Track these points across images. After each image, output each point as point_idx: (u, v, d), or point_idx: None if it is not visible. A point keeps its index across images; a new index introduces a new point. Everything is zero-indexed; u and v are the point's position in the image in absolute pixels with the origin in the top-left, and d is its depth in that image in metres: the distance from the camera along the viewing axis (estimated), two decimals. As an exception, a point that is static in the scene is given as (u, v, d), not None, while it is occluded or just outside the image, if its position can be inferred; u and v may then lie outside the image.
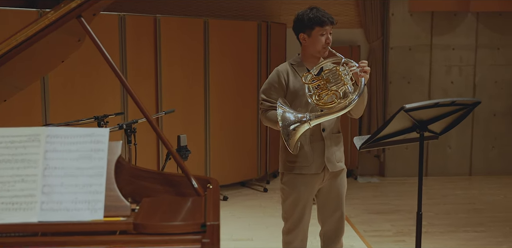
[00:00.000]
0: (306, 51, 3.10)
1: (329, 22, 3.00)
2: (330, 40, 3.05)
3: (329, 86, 2.86)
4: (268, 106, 3.08)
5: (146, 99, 5.22)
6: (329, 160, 3.08)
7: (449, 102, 2.56)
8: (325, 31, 3.00)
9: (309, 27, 3.00)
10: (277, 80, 3.08)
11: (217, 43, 5.63)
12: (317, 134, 3.06)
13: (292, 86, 3.07)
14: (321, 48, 3.03)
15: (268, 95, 3.09)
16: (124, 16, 4.93)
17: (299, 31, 3.07)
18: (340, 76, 2.85)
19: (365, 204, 5.74)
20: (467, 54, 6.85)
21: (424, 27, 6.77)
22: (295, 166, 3.08)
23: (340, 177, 3.19)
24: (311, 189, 3.11)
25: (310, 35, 3.02)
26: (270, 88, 3.10)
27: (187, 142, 5.47)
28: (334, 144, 3.12)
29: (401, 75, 6.83)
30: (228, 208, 5.52)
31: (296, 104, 3.05)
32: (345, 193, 3.22)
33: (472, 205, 5.71)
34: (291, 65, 3.12)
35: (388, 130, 2.58)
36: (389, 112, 6.85)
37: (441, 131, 2.83)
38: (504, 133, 6.98)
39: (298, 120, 2.81)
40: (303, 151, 3.05)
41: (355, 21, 6.87)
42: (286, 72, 3.09)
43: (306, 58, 3.12)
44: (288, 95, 3.08)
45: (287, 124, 2.81)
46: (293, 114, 2.83)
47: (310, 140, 3.06)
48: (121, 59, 4.98)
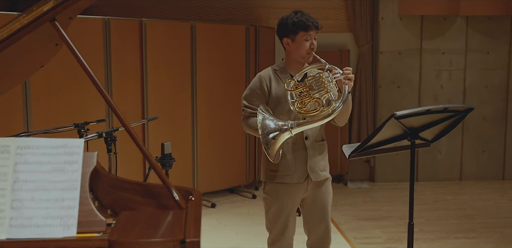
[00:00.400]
0: (290, 56, 3.00)
1: (313, 27, 2.90)
2: (314, 45, 2.94)
3: (312, 93, 2.76)
4: (249, 112, 2.97)
5: (132, 105, 5.08)
6: (312, 170, 2.98)
7: (441, 109, 2.46)
8: (310, 36, 2.90)
9: (293, 31, 2.90)
10: (259, 86, 2.97)
11: (205, 48, 5.51)
12: (300, 142, 2.96)
13: (275, 92, 2.96)
14: (305, 53, 2.93)
15: (249, 102, 2.99)
16: (108, 20, 4.81)
17: (282, 35, 2.97)
18: (323, 83, 2.75)
19: (355, 210, 5.64)
20: (457, 58, 6.78)
21: (413, 31, 6.70)
22: (277, 175, 2.98)
23: (325, 186, 3.08)
24: (294, 199, 3.00)
25: (294, 40, 2.92)
26: (252, 94, 2.99)
27: (173, 149, 5.37)
28: (317, 153, 3.01)
29: (390, 80, 6.75)
30: (216, 215, 5.40)
31: (278, 111, 2.95)
32: (330, 202, 3.11)
33: (463, 211, 5.63)
34: (274, 71, 3.02)
35: (379, 138, 2.48)
36: (379, 117, 6.76)
37: (433, 139, 2.73)
38: (494, 137, 6.91)
39: (278, 128, 2.71)
40: (285, 159, 2.95)
41: (345, 25, 6.78)
42: (269, 78, 2.98)
43: (290, 64, 3.01)
44: (270, 102, 2.97)
45: (266, 132, 2.71)
46: (274, 122, 2.73)
47: (293, 149, 2.96)
48: (105, 64, 4.84)
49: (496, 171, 6.96)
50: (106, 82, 4.85)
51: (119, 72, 4.95)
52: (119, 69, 4.95)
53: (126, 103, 5.03)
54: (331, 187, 3.13)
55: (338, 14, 6.75)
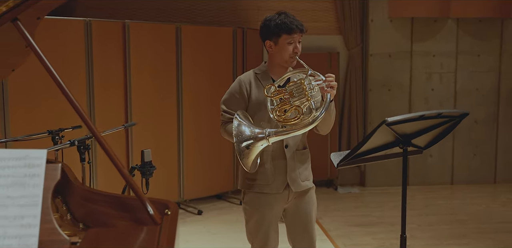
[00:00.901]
0: (272, 59, 2.83)
1: (297, 30, 2.73)
2: (298, 49, 2.77)
3: (292, 100, 2.61)
4: (228, 118, 2.80)
5: (114, 111, 4.89)
6: (292, 180, 2.82)
7: (435, 114, 2.30)
8: (293, 39, 2.73)
9: (276, 34, 2.73)
10: (239, 90, 2.81)
11: (191, 51, 5.32)
12: (279, 151, 2.79)
13: (255, 97, 2.80)
14: (288, 57, 2.77)
15: (228, 106, 2.83)
16: (90, 21, 4.62)
17: (265, 38, 2.80)
18: (304, 90, 2.60)
19: (345, 216, 5.49)
20: (448, 60, 6.66)
21: (404, 34, 6.56)
22: (255, 184, 2.81)
23: (308, 195, 2.91)
24: (275, 209, 2.84)
25: (277, 43, 2.75)
26: (230, 99, 2.83)
27: (158, 155, 5.19)
28: (299, 162, 2.84)
29: (381, 83, 6.61)
30: (203, 223, 5.21)
31: (259, 117, 2.78)
32: (315, 212, 2.95)
33: (455, 216, 5.50)
34: (255, 75, 2.84)
35: (369, 145, 2.31)
36: (369, 121, 6.62)
37: (426, 145, 2.58)
38: (485, 140, 6.78)
39: (253, 136, 2.54)
40: (263, 168, 2.78)
41: (334, 28, 6.64)
42: (249, 82, 2.82)
43: (273, 68, 2.85)
44: (250, 108, 2.81)
45: (240, 139, 2.54)
46: (250, 129, 2.57)
47: (272, 157, 2.79)
48: (87, 67, 4.65)
49: (488, 174, 6.83)
50: (87, 86, 4.65)
51: (101, 76, 4.76)
52: (101, 73, 4.76)
53: (109, 109, 4.84)
54: (315, 196, 2.97)
55: (328, 16, 6.60)
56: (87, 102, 4.65)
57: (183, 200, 5.48)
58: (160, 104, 5.20)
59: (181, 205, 5.56)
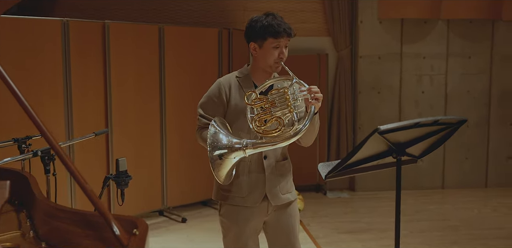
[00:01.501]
0: (256, 63, 2.61)
1: (285, 34, 2.51)
2: (284, 54, 2.55)
3: (274, 110, 2.39)
4: (204, 123, 2.58)
5: (94, 116, 4.63)
6: (272, 193, 2.60)
7: (431, 122, 2.08)
8: (279, 44, 2.51)
9: (261, 36, 2.51)
10: (217, 94, 2.58)
11: (174, 52, 5.06)
12: (258, 162, 2.57)
13: (234, 103, 2.57)
14: (273, 63, 2.55)
15: (206, 111, 2.60)
16: (67, 21, 4.36)
17: (250, 39, 2.58)
18: (287, 101, 2.38)
19: (335, 222, 5.28)
20: (438, 62, 6.48)
21: (393, 35, 6.37)
22: (230, 196, 2.59)
23: (290, 208, 2.69)
24: (254, 223, 2.62)
25: (262, 46, 2.53)
26: (208, 102, 2.61)
27: (140, 161, 4.95)
28: (278, 174, 2.62)
29: (370, 85, 6.42)
30: (186, 231, 4.97)
31: (238, 126, 2.56)
32: (297, 225, 2.73)
33: (447, 222, 5.32)
34: (236, 78, 2.62)
35: (360, 155, 2.10)
36: (359, 124, 6.43)
37: (421, 154, 2.37)
38: (477, 144, 6.60)
39: (228, 146, 2.33)
40: (239, 180, 2.56)
41: (323, 29, 6.44)
42: (229, 86, 2.59)
43: (255, 72, 2.63)
44: (228, 114, 2.59)
45: (213, 148, 2.32)
46: (227, 138, 2.35)
47: (249, 168, 2.57)
48: (64, 70, 4.38)
49: (479, 178, 6.65)
50: (64, 90, 4.39)
51: (79, 79, 4.50)
52: (80, 76, 4.50)
53: (88, 114, 4.57)
54: (297, 208, 2.76)
55: (316, 17, 6.40)
56: (64, 107, 4.39)
57: (167, 207, 5.22)
58: (142, 109, 4.93)
59: (165, 213, 5.32)
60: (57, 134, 4.34)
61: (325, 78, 6.29)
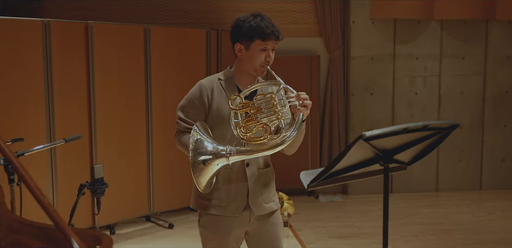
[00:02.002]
0: (240, 65, 2.47)
1: (273, 37, 2.37)
2: (271, 58, 2.41)
3: (260, 116, 2.25)
4: (184, 127, 2.43)
5: (77, 119, 4.45)
6: (254, 203, 2.45)
7: (420, 127, 1.93)
8: (267, 47, 2.38)
9: (249, 37, 2.36)
10: (199, 97, 2.43)
11: (160, 54, 4.88)
12: (239, 169, 2.42)
13: (216, 107, 2.42)
14: (259, 66, 2.40)
15: (186, 114, 2.45)
16: (48, 22, 4.19)
17: (236, 40, 2.43)
18: (275, 107, 2.24)
19: (326, 227, 5.13)
20: (432, 63, 6.33)
21: (386, 36, 6.22)
22: (210, 205, 2.44)
23: (273, 217, 2.54)
24: (234, 233, 2.46)
25: (248, 48, 2.39)
26: (189, 105, 2.45)
27: (126, 164, 4.78)
28: (261, 183, 2.47)
29: (363, 86, 6.27)
30: (173, 238, 4.79)
31: (220, 131, 2.41)
32: (281, 234, 2.57)
33: (441, 226, 5.18)
34: (219, 81, 2.47)
35: (344, 163, 1.94)
36: (351, 126, 6.28)
37: (410, 161, 2.22)
38: (471, 146, 6.46)
39: (213, 152, 2.19)
40: (219, 188, 2.42)
41: (314, 30, 6.29)
42: (211, 89, 2.44)
43: (239, 74, 2.48)
44: (210, 119, 2.43)
45: (197, 153, 2.18)
46: (212, 145, 2.21)
47: (230, 176, 2.42)
48: (45, 73, 4.21)
49: (473, 181, 6.51)
50: (46, 93, 4.22)
51: (61, 82, 4.33)
52: (62, 79, 4.33)
53: (70, 117, 4.41)
54: (280, 217, 2.60)
55: (307, 17, 6.25)
56: (45, 109, 4.22)
57: (154, 213, 5.05)
58: (127, 112, 4.76)
59: (152, 218, 5.15)
60: (39, 140, 4.18)
61: (316, 79, 6.14)
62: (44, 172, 4.26)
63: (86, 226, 4.57)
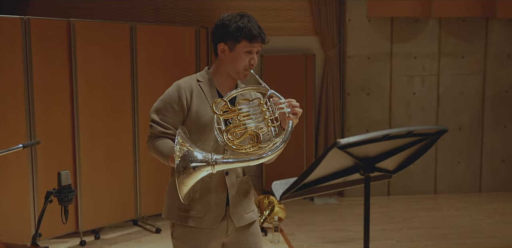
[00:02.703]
0: (221, 66, 2.28)
1: (260, 39, 2.21)
2: (255, 61, 2.24)
3: (247, 123, 2.09)
4: (160, 131, 2.23)
5: (59, 122, 4.25)
6: (235, 213, 2.27)
7: (404, 133, 1.73)
8: (252, 49, 2.21)
9: (234, 38, 2.19)
10: (177, 99, 2.23)
11: (147, 53, 4.67)
12: (219, 179, 2.24)
13: (196, 111, 2.23)
14: (242, 69, 2.23)
15: (162, 118, 2.24)
16: (28, 20, 3.99)
17: (219, 39, 2.25)
18: (264, 114, 2.08)
19: (320, 231, 4.94)
20: (430, 63, 6.11)
21: (383, 34, 6.01)
22: (188, 216, 2.25)
23: (253, 227, 2.36)
24: (212, 246, 2.28)
25: (233, 49, 2.21)
26: (166, 108, 2.25)
27: (109, 168, 4.58)
28: (241, 192, 2.31)
29: (359, 86, 6.06)
30: (160, 243, 4.59)
31: (200, 137, 2.23)
32: (262, 246, 2.39)
33: (438, 230, 4.98)
34: (198, 82, 2.28)
35: (319, 173, 1.74)
36: (347, 127, 6.08)
37: (396, 169, 2.01)
38: (470, 147, 6.24)
39: (205, 160, 2.02)
40: (197, 198, 2.24)
41: (310, 28, 6.08)
42: (190, 91, 2.24)
43: (219, 76, 2.30)
44: (188, 124, 2.24)
45: (188, 160, 2.00)
46: (201, 154, 2.04)
47: (209, 186, 2.24)
48: (25, 73, 4.00)
49: (473, 183, 6.29)
50: (26, 95, 4.02)
51: (42, 83, 4.13)
52: (43, 80, 4.13)
53: (52, 120, 4.20)
54: (259, 227, 2.41)
55: (302, 15, 6.05)
56: (25, 111, 4.03)
57: (140, 217, 4.85)
58: (112, 114, 4.54)
59: (138, 223, 4.95)
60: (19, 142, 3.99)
61: (312, 79, 5.94)
62: (25, 178, 4.07)
63: (69, 231, 4.39)
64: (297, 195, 1.83)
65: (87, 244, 4.43)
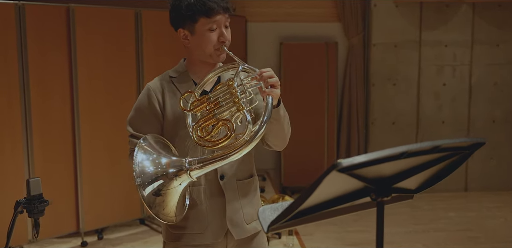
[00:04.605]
0: (191, 55, 1.94)
1: (220, 9, 1.82)
2: (225, 37, 1.87)
3: (218, 112, 1.73)
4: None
5: (57, 116, 3.91)
6: (235, 223, 1.90)
7: (428, 148, 1.30)
8: (216, 24, 1.84)
9: (190, 18, 1.83)
10: (147, 104, 1.91)
11: (153, 42, 4.26)
12: (213, 184, 1.88)
13: (171, 112, 1.89)
14: (213, 50, 1.87)
15: (136, 128, 1.92)
16: (23, 5, 3.64)
17: (177, 25, 1.91)
18: (234, 96, 1.71)
19: (341, 232, 4.55)
20: (462, 51, 5.62)
21: (411, 21, 5.55)
22: (185, 234, 1.89)
23: (256, 240, 1.98)
24: None
25: (194, 32, 1.86)
26: (138, 116, 1.93)
27: (112, 164, 4.21)
28: (241, 197, 1.92)
29: (385, 76, 5.62)
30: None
31: (181, 141, 1.89)
32: None
33: (468, 233, 4.55)
34: (170, 79, 1.94)
35: (317, 198, 1.33)
36: (372, 120, 5.67)
37: (419, 187, 1.59)
38: (504, 142, 5.75)
39: (162, 174, 1.68)
40: (195, 210, 1.88)
41: (332, 14, 5.66)
42: (161, 90, 1.91)
43: (193, 66, 1.94)
44: (167, 127, 1.90)
45: (143, 183, 1.67)
46: (160, 161, 1.70)
47: (200, 195, 1.88)
48: (20, 63, 3.66)
49: (507, 180, 5.80)
50: (21, 86, 3.69)
51: (39, 76, 3.78)
52: (39, 70, 3.78)
53: (51, 116, 3.87)
54: (265, 240, 2.03)
55: (324, 1, 5.66)
56: (21, 105, 3.70)
57: (147, 215, 4.51)
58: (116, 109, 4.13)
59: (146, 222, 4.63)
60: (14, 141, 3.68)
61: (334, 69, 5.51)
62: (20, 171, 3.75)
63: (70, 231, 4.07)
64: (291, 225, 1.42)
65: (89, 244, 4.11)
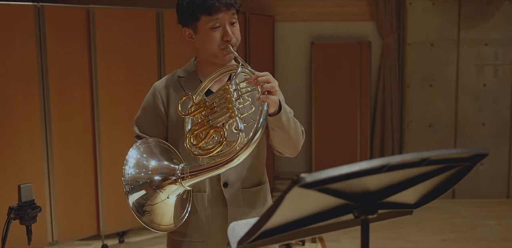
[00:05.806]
0: (199, 54, 1.81)
1: (222, 6, 1.67)
2: (230, 36, 1.71)
3: (212, 118, 1.60)
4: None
5: (77, 119, 3.85)
6: None
7: (416, 160, 1.10)
8: (219, 22, 1.69)
9: (192, 17, 1.71)
10: (152, 104, 1.81)
11: (176, 42, 4.13)
12: (215, 191, 1.75)
13: (175, 114, 1.76)
14: (218, 50, 1.73)
15: (142, 128, 1.83)
16: (42, 7, 3.58)
17: (182, 24, 1.79)
18: (228, 102, 1.57)
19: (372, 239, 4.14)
20: (504, 50, 5.28)
21: (449, 19, 5.24)
22: (184, 241, 1.77)
23: None
24: None
25: (197, 31, 1.73)
26: (144, 117, 1.84)
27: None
28: (247, 207, 1.77)
29: (421, 77, 5.35)
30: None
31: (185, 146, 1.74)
32: None
33: (508, 243, 4.21)
34: (178, 79, 1.81)
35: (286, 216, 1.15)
36: (407, 122, 5.40)
37: (419, 201, 1.39)
38: (550, 146, 5.37)
39: (144, 183, 1.59)
40: (195, 217, 1.75)
41: (365, 13, 5.45)
42: (166, 91, 1.79)
43: (202, 67, 1.83)
44: (171, 130, 1.79)
45: (131, 191, 1.60)
46: (150, 168, 1.63)
47: (208, 201, 1.75)
48: (39, 63, 3.61)
49: (553, 186, 5.42)
50: (40, 88, 3.63)
51: (58, 76, 3.72)
52: (59, 72, 3.72)
53: (70, 117, 3.82)
54: None
55: (357, 0, 5.45)
56: (40, 108, 3.65)
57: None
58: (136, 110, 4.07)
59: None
60: (33, 140, 3.63)
61: (367, 69, 5.30)
62: (39, 170, 3.70)
63: (91, 234, 4.01)
64: (263, 243, 1.24)
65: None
